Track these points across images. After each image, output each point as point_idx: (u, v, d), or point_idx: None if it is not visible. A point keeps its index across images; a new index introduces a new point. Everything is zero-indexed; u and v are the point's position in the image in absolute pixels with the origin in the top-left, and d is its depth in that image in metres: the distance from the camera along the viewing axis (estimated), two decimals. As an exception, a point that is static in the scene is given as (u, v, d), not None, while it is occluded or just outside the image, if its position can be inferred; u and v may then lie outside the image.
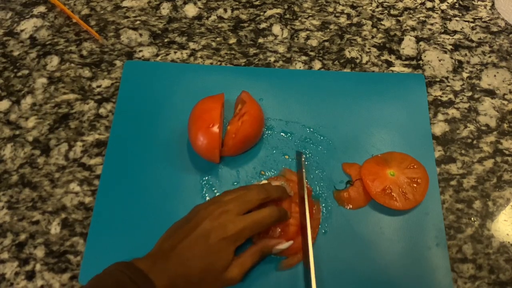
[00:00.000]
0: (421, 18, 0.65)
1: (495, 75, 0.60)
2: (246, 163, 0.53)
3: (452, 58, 0.61)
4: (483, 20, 0.65)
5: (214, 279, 0.42)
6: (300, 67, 0.60)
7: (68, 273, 0.48)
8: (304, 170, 0.50)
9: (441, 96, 0.58)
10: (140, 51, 0.61)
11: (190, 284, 0.41)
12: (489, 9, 0.66)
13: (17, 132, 0.56)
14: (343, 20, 0.64)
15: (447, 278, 0.48)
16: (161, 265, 0.40)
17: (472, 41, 0.63)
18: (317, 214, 0.50)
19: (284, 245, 0.46)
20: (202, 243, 0.41)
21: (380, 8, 0.65)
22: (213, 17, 0.64)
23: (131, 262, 0.41)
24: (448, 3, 0.66)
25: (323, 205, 0.51)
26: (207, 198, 0.51)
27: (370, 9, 0.65)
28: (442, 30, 0.64)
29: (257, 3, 0.66)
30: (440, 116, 0.57)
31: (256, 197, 0.45)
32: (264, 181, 0.50)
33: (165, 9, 0.65)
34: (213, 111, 0.49)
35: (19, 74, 0.60)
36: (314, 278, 0.43)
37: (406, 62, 0.61)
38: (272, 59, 0.61)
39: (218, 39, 0.62)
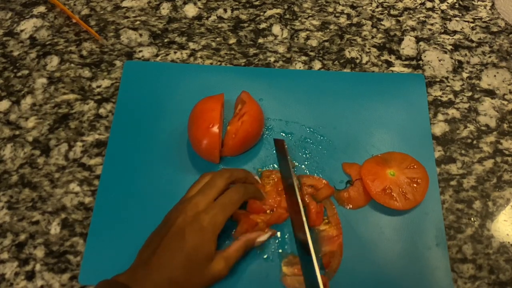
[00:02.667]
0: (421, 18, 0.65)
1: (495, 75, 0.60)
2: (246, 163, 0.53)
3: (452, 58, 0.61)
4: (483, 20, 0.65)
5: (201, 274, 0.41)
6: (300, 67, 0.60)
7: (68, 273, 0.48)
8: (289, 157, 0.50)
9: (441, 96, 0.58)
10: (140, 51, 0.61)
11: (176, 285, 0.40)
12: (489, 9, 0.66)
13: (17, 132, 0.56)
14: (343, 20, 0.64)
15: (447, 278, 0.48)
16: (142, 274, 0.40)
17: (472, 41, 0.63)
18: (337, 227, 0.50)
19: (265, 236, 0.47)
20: (179, 241, 0.41)
21: (380, 8, 0.66)
22: (213, 17, 0.64)
23: (112, 278, 0.40)
24: (448, 3, 0.66)
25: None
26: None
27: (370, 9, 0.65)
28: (442, 30, 0.64)
29: (257, 3, 0.66)
30: (440, 116, 0.57)
31: (220, 180, 0.45)
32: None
33: (165, 9, 0.65)
34: (213, 111, 0.49)
35: (19, 74, 0.60)
36: (318, 271, 0.44)
37: (406, 62, 0.61)
38: (272, 59, 0.61)
39: (218, 39, 0.62)
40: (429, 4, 0.66)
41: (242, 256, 0.45)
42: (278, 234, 0.49)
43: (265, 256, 0.48)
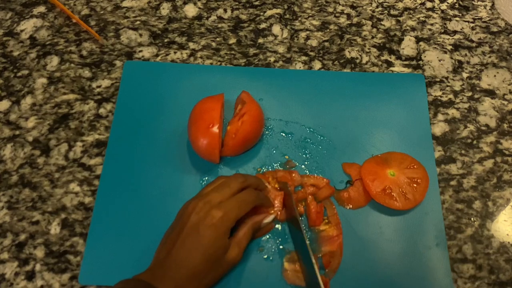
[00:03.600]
0: (421, 18, 0.65)
1: (495, 75, 0.60)
2: (246, 163, 0.53)
3: (452, 58, 0.61)
4: (483, 20, 0.65)
5: (218, 266, 0.43)
6: (300, 67, 0.60)
7: (68, 273, 0.48)
8: (292, 199, 0.49)
9: (441, 96, 0.58)
10: (140, 51, 0.61)
11: (196, 280, 0.41)
12: (489, 9, 0.66)
13: (17, 132, 0.56)
14: (343, 20, 0.64)
15: (447, 278, 0.48)
16: (162, 274, 0.41)
17: (472, 41, 0.63)
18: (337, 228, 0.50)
19: (270, 218, 0.48)
20: (194, 238, 0.41)
21: (380, 8, 0.65)
22: (213, 17, 0.64)
23: (133, 277, 0.41)
24: (448, 3, 0.66)
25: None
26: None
27: (370, 9, 0.65)
28: (442, 30, 0.64)
29: (257, 3, 0.66)
30: (440, 116, 0.57)
31: (235, 182, 0.46)
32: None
33: (165, 9, 0.65)
34: (213, 111, 0.49)
35: (19, 74, 0.60)
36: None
37: (406, 62, 0.61)
38: (272, 59, 0.61)
39: (218, 39, 0.62)
40: (429, 4, 0.66)
41: (250, 238, 0.46)
42: (279, 227, 0.50)
43: (265, 256, 0.48)
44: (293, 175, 0.52)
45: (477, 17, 0.65)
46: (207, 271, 0.42)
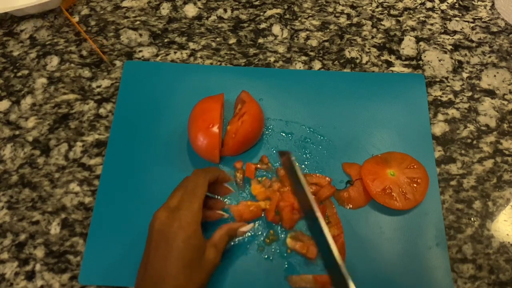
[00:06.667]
0: (421, 18, 0.65)
1: (495, 75, 0.60)
2: (246, 163, 0.53)
3: (452, 58, 0.61)
4: (483, 20, 0.65)
5: (199, 270, 0.41)
6: (300, 67, 0.60)
7: (68, 273, 0.48)
8: (297, 171, 0.43)
9: (441, 96, 0.58)
10: (140, 51, 0.61)
11: None
12: (489, 9, 0.66)
13: (17, 132, 0.56)
14: (343, 20, 0.64)
15: (447, 278, 0.48)
16: None
17: (472, 41, 0.63)
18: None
19: (247, 227, 0.47)
20: (164, 244, 0.40)
21: (380, 8, 0.66)
22: (213, 17, 0.64)
23: None
24: (448, 3, 0.66)
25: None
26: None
27: (370, 9, 0.65)
28: (442, 30, 0.64)
29: (257, 3, 0.66)
30: (440, 116, 0.57)
31: (189, 182, 0.44)
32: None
33: (165, 9, 0.65)
34: (213, 111, 0.49)
35: (19, 74, 0.60)
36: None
37: (406, 62, 0.61)
38: (272, 59, 0.61)
39: (218, 39, 0.62)
40: (429, 4, 0.66)
41: (227, 244, 0.45)
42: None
43: (265, 257, 0.48)
44: None
45: (477, 17, 0.65)
46: (189, 276, 0.39)
